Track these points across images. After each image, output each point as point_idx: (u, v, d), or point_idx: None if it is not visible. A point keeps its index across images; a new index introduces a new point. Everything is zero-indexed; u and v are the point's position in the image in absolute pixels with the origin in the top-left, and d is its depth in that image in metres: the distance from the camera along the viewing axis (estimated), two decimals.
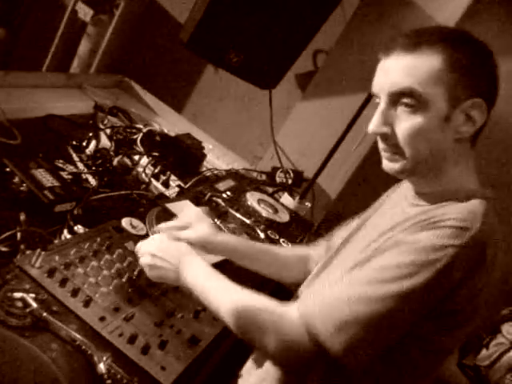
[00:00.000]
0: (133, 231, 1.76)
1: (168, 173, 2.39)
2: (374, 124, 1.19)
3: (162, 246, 1.40)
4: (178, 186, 2.38)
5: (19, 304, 1.18)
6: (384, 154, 1.24)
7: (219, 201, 2.29)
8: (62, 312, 1.27)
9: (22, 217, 1.50)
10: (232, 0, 2.44)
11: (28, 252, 1.41)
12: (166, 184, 2.34)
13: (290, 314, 1.14)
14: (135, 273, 1.53)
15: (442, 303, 1.08)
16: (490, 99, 1.16)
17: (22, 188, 1.74)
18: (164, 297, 1.53)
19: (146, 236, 1.77)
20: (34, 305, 1.19)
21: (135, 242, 1.67)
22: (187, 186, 2.41)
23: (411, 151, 1.17)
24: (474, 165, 1.24)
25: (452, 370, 3.39)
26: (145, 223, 1.84)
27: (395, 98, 1.16)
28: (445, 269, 1.04)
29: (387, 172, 1.25)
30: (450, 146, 1.17)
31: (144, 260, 1.39)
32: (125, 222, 1.77)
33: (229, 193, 2.45)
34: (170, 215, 1.98)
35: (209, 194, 2.29)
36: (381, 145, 1.23)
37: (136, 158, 2.41)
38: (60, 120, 2.43)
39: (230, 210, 2.27)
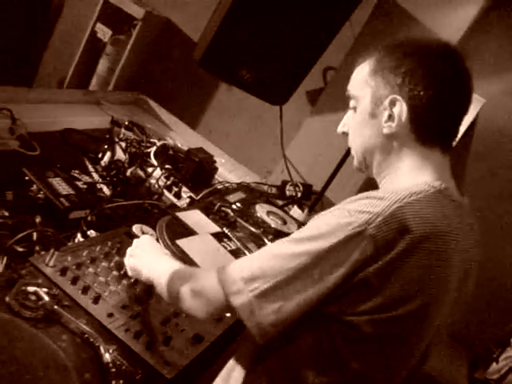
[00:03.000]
0: None
1: (180, 185, 2.48)
2: (339, 125, 1.39)
3: (145, 240, 1.55)
4: (190, 197, 2.47)
5: (33, 297, 1.27)
6: None
7: (228, 211, 2.37)
8: (72, 307, 1.35)
9: (38, 219, 1.60)
10: (243, 19, 2.54)
11: (43, 253, 1.50)
12: (177, 195, 2.43)
13: (210, 270, 1.22)
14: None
15: (353, 272, 1.07)
16: (413, 97, 1.22)
17: (39, 195, 1.84)
18: None
19: None
20: (47, 298, 1.28)
21: None
22: (198, 197, 2.49)
23: (352, 145, 1.35)
24: (429, 162, 1.25)
25: None
26: (155, 230, 1.93)
27: (349, 103, 1.36)
28: (355, 233, 1.06)
29: None
30: (383, 140, 1.27)
31: (128, 248, 1.53)
32: (135, 228, 1.86)
33: (239, 204, 2.52)
34: (179, 223, 2.06)
35: (218, 204, 2.37)
36: None
37: (149, 170, 2.50)
38: (77, 134, 2.53)
39: (239, 220, 2.34)
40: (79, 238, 1.73)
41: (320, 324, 1.14)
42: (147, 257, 1.46)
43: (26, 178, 1.89)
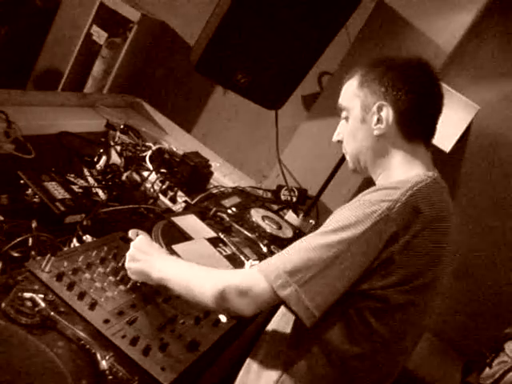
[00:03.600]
0: None
1: (175, 189, 2.48)
2: (334, 135, 1.56)
3: (143, 241, 1.58)
4: (185, 201, 2.46)
5: (29, 303, 1.26)
6: None
7: (224, 216, 2.37)
8: (68, 313, 1.35)
9: (34, 224, 1.59)
10: (239, 24, 2.54)
11: (38, 258, 1.49)
12: (173, 200, 2.43)
13: (249, 269, 1.35)
14: (139, 280, 1.61)
15: (379, 252, 1.25)
16: (397, 102, 1.41)
17: (34, 199, 1.83)
18: (166, 303, 1.60)
19: None
20: (43, 304, 1.27)
21: None
22: (194, 201, 2.49)
23: (347, 150, 1.52)
24: (417, 157, 1.44)
25: None
26: (151, 235, 1.92)
27: (341, 114, 1.53)
28: (380, 219, 1.24)
29: None
30: (375, 141, 1.45)
31: (128, 252, 1.55)
32: (131, 233, 1.85)
33: (234, 209, 2.52)
34: (175, 228, 2.06)
35: (214, 209, 2.36)
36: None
37: (145, 174, 2.50)
38: (73, 137, 2.53)
39: (234, 225, 2.34)
40: (75, 242, 1.72)
41: (348, 301, 1.30)
42: (153, 259, 1.50)
43: (21, 181, 1.88)
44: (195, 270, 1.43)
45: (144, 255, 1.51)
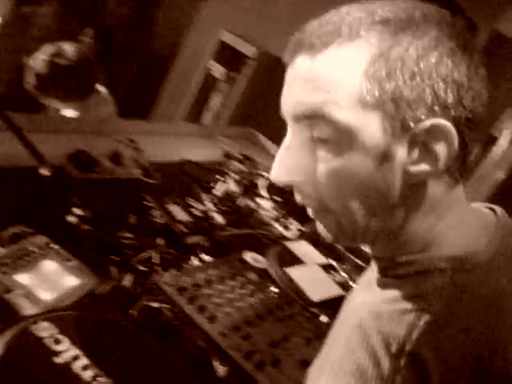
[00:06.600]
0: (254, 264, 1.92)
1: (289, 217, 2.54)
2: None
3: None
4: (299, 230, 2.52)
5: (154, 313, 1.36)
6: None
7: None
8: (189, 324, 1.43)
9: (161, 241, 1.71)
10: None
11: (163, 272, 1.60)
12: (286, 227, 2.49)
13: None
14: (256, 299, 1.67)
15: None
16: (464, 119, 0.74)
17: (159, 220, 1.97)
18: (280, 323, 1.65)
19: (265, 269, 1.92)
20: (167, 314, 1.37)
21: (256, 274, 1.85)
22: (307, 229, 2.54)
23: (341, 212, 0.81)
24: (464, 210, 0.84)
25: None
26: (265, 258, 1.99)
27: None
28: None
29: None
30: (407, 195, 0.76)
31: None
32: (247, 256, 1.94)
33: None
34: (288, 253, 2.12)
35: None
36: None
37: (259, 201, 2.59)
38: (193, 165, 2.68)
39: (346, 253, 2.36)
40: (195, 261, 1.82)
41: None
42: None
43: (147, 203, 2.03)
44: None
45: None
